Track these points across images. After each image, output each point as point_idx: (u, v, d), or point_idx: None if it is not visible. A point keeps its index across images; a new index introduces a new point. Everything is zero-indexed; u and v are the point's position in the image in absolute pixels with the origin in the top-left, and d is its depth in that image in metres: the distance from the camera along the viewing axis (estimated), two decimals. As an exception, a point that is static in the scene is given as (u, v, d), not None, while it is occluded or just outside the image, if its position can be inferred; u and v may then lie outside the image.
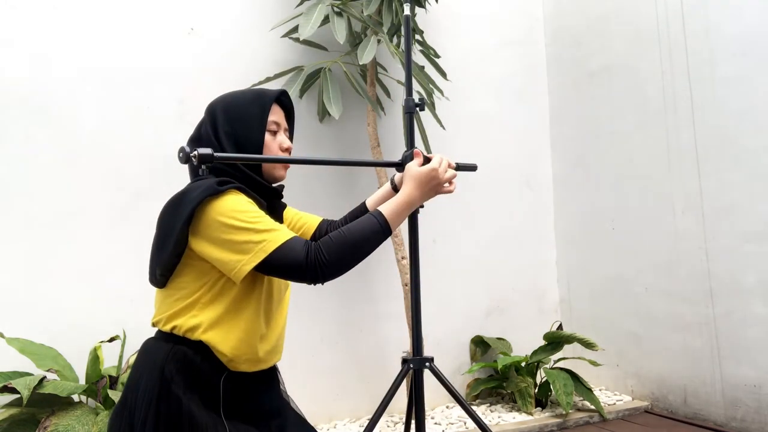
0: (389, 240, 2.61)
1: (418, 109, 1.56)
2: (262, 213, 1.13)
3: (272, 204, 1.26)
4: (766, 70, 2.29)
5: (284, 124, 1.28)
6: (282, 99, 1.28)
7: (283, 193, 1.31)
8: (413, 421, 1.47)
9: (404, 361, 1.50)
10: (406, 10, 1.55)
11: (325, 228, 1.48)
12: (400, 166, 1.47)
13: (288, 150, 1.27)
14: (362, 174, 2.76)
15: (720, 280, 2.45)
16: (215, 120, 1.22)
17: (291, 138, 1.33)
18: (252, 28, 2.61)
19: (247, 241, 1.08)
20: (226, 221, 1.09)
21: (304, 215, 1.48)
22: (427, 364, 1.49)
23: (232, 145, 1.20)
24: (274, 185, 1.25)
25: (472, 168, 1.57)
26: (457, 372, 2.92)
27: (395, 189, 1.46)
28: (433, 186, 1.26)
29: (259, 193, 1.21)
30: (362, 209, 1.48)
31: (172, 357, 1.12)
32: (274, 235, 1.10)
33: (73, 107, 2.26)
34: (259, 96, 1.24)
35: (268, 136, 1.23)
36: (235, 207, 1.10)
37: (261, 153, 1.21)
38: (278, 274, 1.11)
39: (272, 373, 1.27)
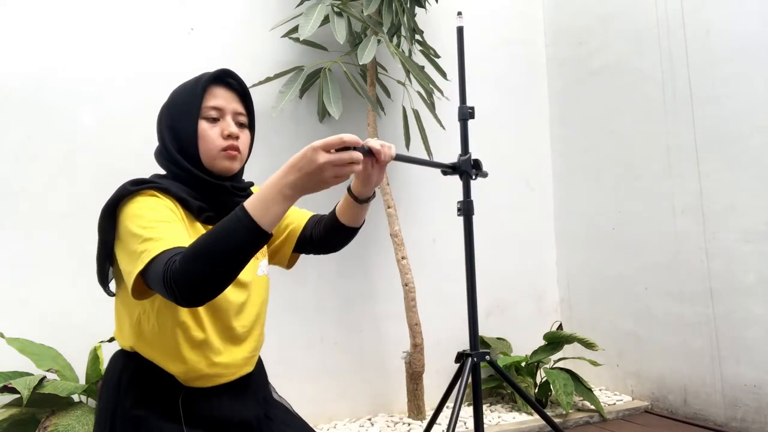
0: (389, 240, 2.61)
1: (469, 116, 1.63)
2: (162, 218, 1.00)
3: (221, 201, 1.13)
4: (766, 70, 2.29)
5: (233, 107, 1.14)
6: (227, 81, 1.14)
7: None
8: (452, 415, 1.48)
9: (464, 355, 1.53)
10: (459, 22, 1.61)
11: (312, 226, 1.32)
12: (453, 169, 1.51)
13: (232, 136, 1.12)
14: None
15: (720, 280, 2.44)
16: (161, 114, 1.17)
17: (251, 124, 1.20)
18: (252, 28, 2.61)
19: (134, 250, 0.96)
20: (128, 226, 1.00)
21: (291, 213, 1.33)
22: (487, 357, 1.53)
23: (173, 137, 1.12)
24: (228, 183, 1.13)
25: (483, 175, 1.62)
26: (457, 372, 2.92)
27: (352, 195, 1.23)
28: (310, 171, 0.90)
29: (203, 190, 1.11)
30: (333, 215, 1.30)
31: (128, 374, 1.09)
32: (156, 244, 0.94)
33: (73, 107, 2.26)
34: (195, 81, 1.14)
35: (204, 124, 1.11)
36: (136, 211, 1.01)
37: (196, 142, 1.10)
38: (158, 292, 0.95)
39: (243, 382, 1.18)
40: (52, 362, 2.01)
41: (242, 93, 1.17)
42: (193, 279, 0.87)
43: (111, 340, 2.11)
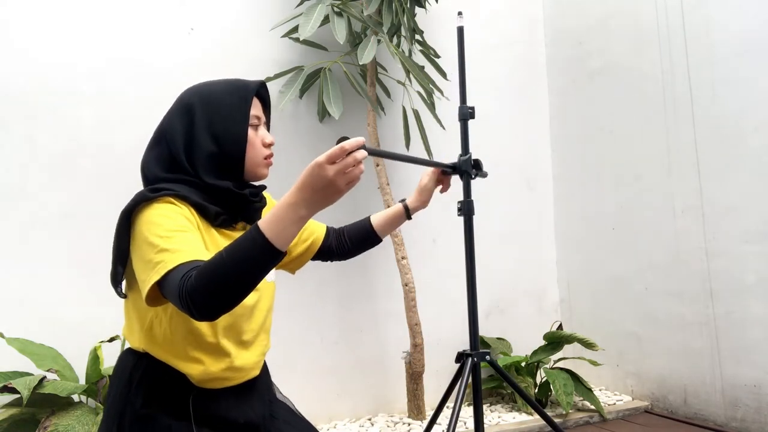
0: (389, 240, 2.60)
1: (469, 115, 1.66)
2: (178, 227, 1.01)
3: (243, 210, 1.16)
4: (766, 70, 2.29)
5: (263, 117, 1.20)
6: (260, 91, 1.19)
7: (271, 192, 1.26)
8: (452, 415, 1.49)
9: (464, 355, 1.57)
10: (459, 22, 1.63)
11: (333, 237, 1.43)
12: (453, 169, 1.52)
13: (271, 145, 1.18)
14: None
15: (720, 280, 2.44)
16: (191, 112, 1.13)
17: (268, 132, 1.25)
18: (252, 28, 2.61)
19: (150, 259, 0.97)
20: (144, 233, 1.00)
21: (311, 224, 1.40)
22: (487, 357, 1.56)
23: (212, 140, 1.11)
24: (246, 190, 1.15)
25: (484, 175, 1.63)
26: (457, 372, 2.92)
27: (407, 211, 1.45)
28: (323, 186, 0.91)
29: (222, 198, 1.12)
30: (365, 224, 1.46)
31: (139, 372, 1.10)
32: (173, 256, 0.95)
33: (74, 107, 2.26)
34: (239, 87, 1.15)
35: (251, 131, 1.14)
36: (153, 219, 1.01)
37: (244, 149, 1.12)
38: (173, 304, 0.96)
39: (250, 385, 1.20)
40: (52, 362, 2.00)
41: (267, 105, 1.22)
42: (208, 296, 0.89)
43: (111, 340, 2.11)
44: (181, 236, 0.99)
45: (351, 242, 1.44)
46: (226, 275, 0.89)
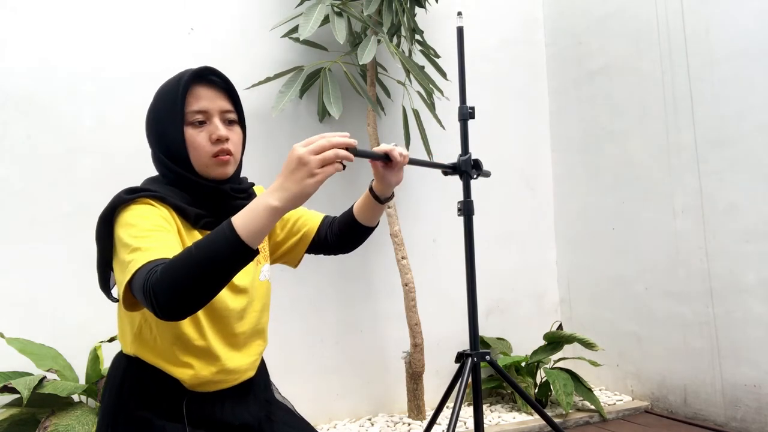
0: (389, 240, 2.61)
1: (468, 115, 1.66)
2: (154, 227, 0.97)
3: (221, 205, 1.10)
4: (765, 70, 2.29)
5: (219, 106, 1.07)
6: (210, 78, 1.08)
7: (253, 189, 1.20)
8: (448, 415, 1.50)
9: (464, 355, 1.57)
10: (459, 22, 1.65)
11: (325, 228, 1.32)
12: (454, 169, 1.52)
13: (221, 140, 1.06)
14: (361, 168, 2.76)
15: (720, 280, 2.44)
16: (147, 118, 1.11)
17: (241, 121, 1.13)
18: (252, 28, 2.61)
19: (123, 259, 0.94)
20: (120, 235, 0.97)
21: (304, 214, 1.31)
22: (487, 357, 1.56)
23: (161, 144, 1.08)
24: (227, 186, 1.10)
25: (486, 175, 1.63)
26: (457, 372, 2.91)
27: (374, 194, 1.24)
28: (293, 168, 0.86)
29: (201, 195, 1.08)
30: (348, 211, 1.32)
31: (132, 375, 1.09)
32: (144, 254, 0.90)
33: (73, 107, 2.26)
34: (172, 86, 1.07)
35: (191, 130, 1.05)
36: (128, 220, 0.98)
37: (185, 150, 1.06)
38: (140, 302, 0.90)
39: (245, 386, 1.17)
40: (52, 362, 2.00)
41: (227, 89, 1.10)
42: (171, 290, 0.83)
43: (111, 340, 2.11)
44: (155, 235, 0.95)
45: (340, 231, 1.30)
46: (192, 269, 0.83)
